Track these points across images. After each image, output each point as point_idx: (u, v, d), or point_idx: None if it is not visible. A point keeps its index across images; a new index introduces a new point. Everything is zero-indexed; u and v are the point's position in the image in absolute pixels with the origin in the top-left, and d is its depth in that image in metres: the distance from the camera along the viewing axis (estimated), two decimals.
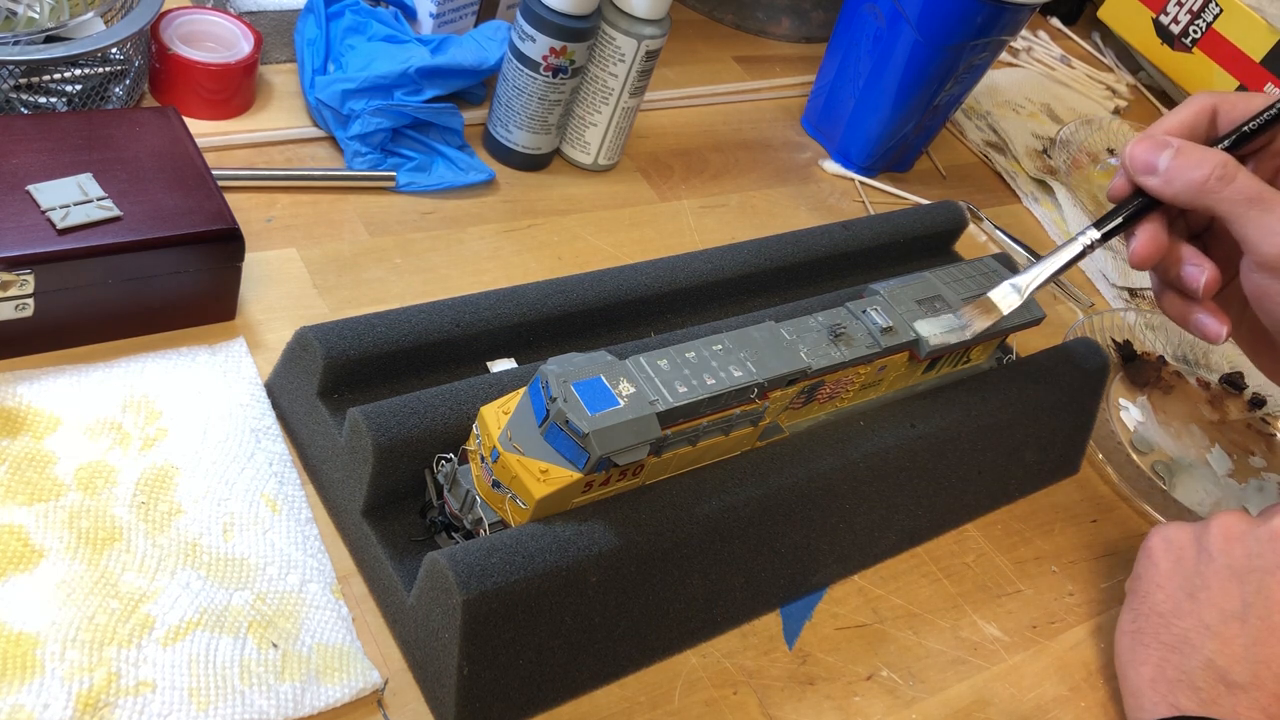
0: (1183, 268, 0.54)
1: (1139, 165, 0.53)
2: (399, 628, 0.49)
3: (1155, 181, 0.52)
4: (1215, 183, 0.50)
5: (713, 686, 0.53)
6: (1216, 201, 0.50)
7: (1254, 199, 0.50)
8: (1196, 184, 0.51)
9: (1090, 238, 0.55)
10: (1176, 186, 0.51)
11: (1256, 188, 0.50)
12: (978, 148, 0.99)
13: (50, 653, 0.44)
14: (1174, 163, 0.51)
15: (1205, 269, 0.53)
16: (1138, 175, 0.53)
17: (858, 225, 0.73)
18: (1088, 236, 0.55)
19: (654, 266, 0.64)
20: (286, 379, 0.55)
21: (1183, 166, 0.51)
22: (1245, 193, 0.50)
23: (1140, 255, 0.53)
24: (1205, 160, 0.51)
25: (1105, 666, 0.61)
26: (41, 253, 0.51)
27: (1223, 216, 0.51)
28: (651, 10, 0.71)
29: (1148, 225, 0.53)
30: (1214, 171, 0.50)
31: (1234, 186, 0.50)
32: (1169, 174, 0.51)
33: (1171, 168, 0.51)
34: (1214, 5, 1.09)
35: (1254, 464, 0.78)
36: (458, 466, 0.50)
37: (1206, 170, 0.50)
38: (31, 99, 0.61)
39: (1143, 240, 0.53)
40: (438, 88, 0.71)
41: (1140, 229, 0.53)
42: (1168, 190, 0.52)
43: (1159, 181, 0.52)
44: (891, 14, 0.81)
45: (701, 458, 0.52)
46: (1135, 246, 0.53)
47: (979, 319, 0.58)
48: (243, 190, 0.66)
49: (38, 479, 0.49)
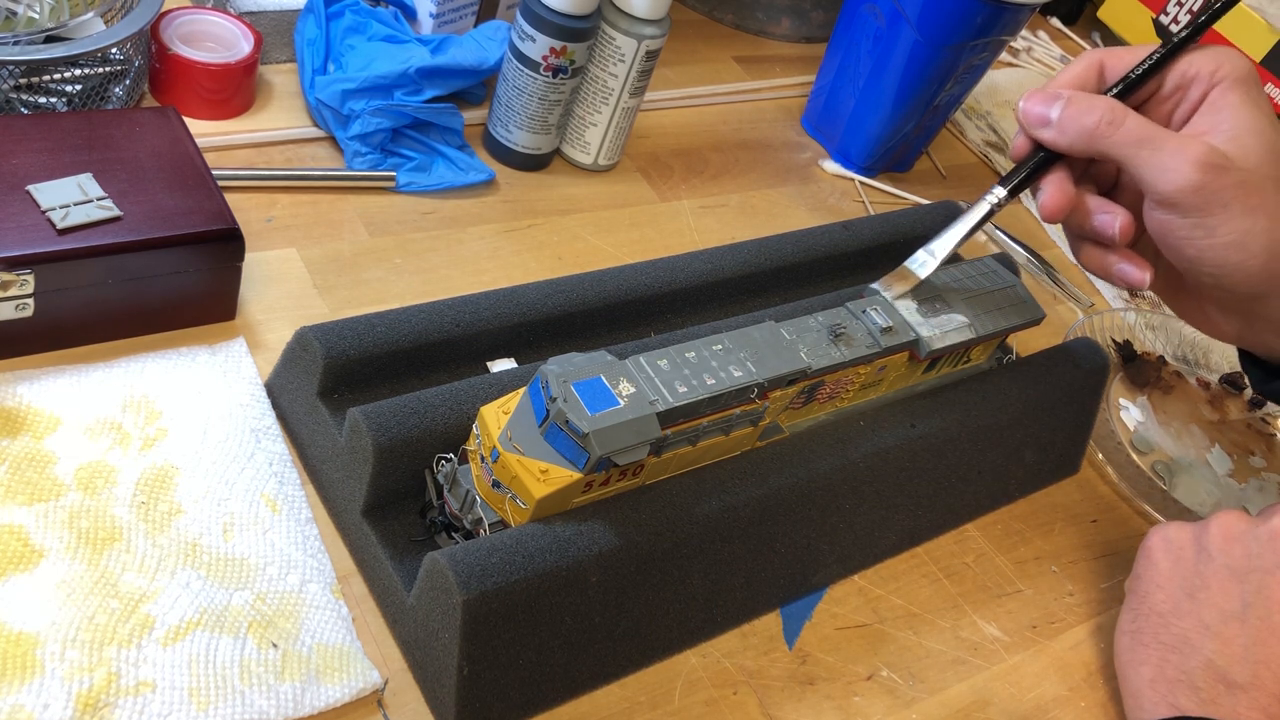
0: (1095, 217, 0.54)
1: (1033, 119, 0.54)
2: (399, 628, 0.49)
3: (1049, 133, 0.53)
4: (1105, 127, 0.51)
5: (713, 686, 0.53)
6: (1109, 146, 0.51)
7: (1144, 139, 0.51)
8: (1088, 130, 0.52)
9: (997, 196, 0.56)
10: (1070, 135, 0.52)
11: (1146, 129, 0.51)
12: (978, 148, 0.99)
13: (50, 653, 0.44)
14: (1065, 112, 0.53)
15: (1118, 215, 0.54)
16: (1032, 129, 0.54)
17: (858, 225, 0.73)
18: (994, 195, 0.56)
19: (654, 266, 0.64)
20: (286, 379, 0.55)
21: (1073, 115, 0.52)
22: (1135, 134, 0.51)
23: (1049, 207, 0.54)
24: (1094, 107, 0.52)
25: (1105, 666, 0.61)
26: (41, 253, 0.51)
27: (1117, 160, 0.52)
28: (651, 10, 0.71)
29: (1052, 177, 0.54)
30: (1103, 116, 0.51)
31: (1124, 130, 0.51)
32: (1061, 124, 0.53)
33: (1063, 117, 0.53)
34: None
35: (1254, 464, 0.78)
36: (458, 466, 0.50)
37: (1096, 116, 0.52)
38: (31, 99, 0.61)
39: (1049, 192, 0.54)
40: (438, 88, 0.71)
41: (1045, 182, 0.54)
42: (1062, 140, 0.53)
43: (1053, 133, 0.53)
44: (891, 14, 0.81)
45: (701, 458, 0.52)
46: (1043, 199, 0.54)
47: (896, 285, 0.59)
48: (243, 190, 0.66)
49: (38, 479, 0.49)
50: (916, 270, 0.58)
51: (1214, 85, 0.53)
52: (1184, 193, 0.50)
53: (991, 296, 0.62)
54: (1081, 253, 0.57)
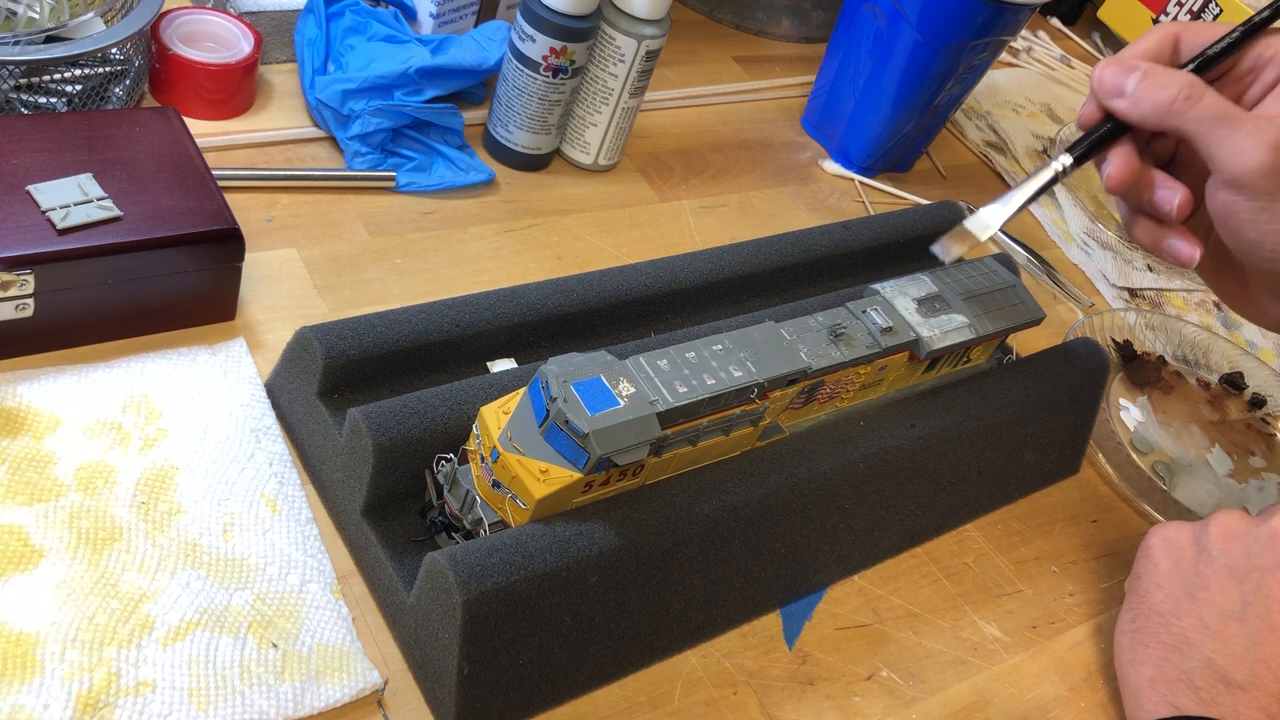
0: (1155, 191, 0.54)
1: (1108, 88, 0.53)
2: (399, 628, 0.49)
3: (1123, 104, 0.52)
4: (1183, 102, 0.50)
5: (713, 686, 0.53)
6: (1184, 121, 0.50)
7: (1220, 117, 0.50)
8: (1164, 104, 0.51)
9: (1063, 163, 0.55)
10: (1144, 108, 0.51)
11: (1222, 106, 0.50)
12: (978, 148, 0.99)
13: (50, 653, 0.44)
14: (1141, 84, 0.51)
15: (1178, 191, 0.53)
16: (1106, 98, 0.53)
17: (858, 225, 0.73)
18: (1060, 162, 0.55)
19: (654, 266, 0.64)
20: (286, 379, 0.55)
21: (1150, 88, 0.51)
22: (1211, 111, 0.50)
23: (1115, 179, 0.53)
24: (1172, 81, 0.51)
25: (1105, 666, 0.61)
26: (41, 253, 0.51)
27: (1190, 136, 0.51)
28: (651, 10, 0.71)
29: (1120, 149, 0.53)
30: (1181, 91, 0.50)
31: (1201, 106, 0.50)
32: (1137, 96, 0.52)
33: (1139, 89, 0.52)
34: (1214, 5, 1.09)
35: (1254, 464, 0.78)
36: (458, 466, 0.50)
37: (1174, 90, 0.51)
38: (31, 99, 0.61)
39: (1116, 164, 0.53)
40: (438, 88, 0.71)
41: (1113, 153, 0.53)
42: (1135, 112, 0.52)
43: (1127, 104, 0.52)
44: (891, 14, 0.81)
45: (701, 458, 0.52)
46: (1109, 170, 0.53)
47: (956, 246, 0.57)
48: (243, 190, 0.66)
49: (37, 479, 0.49)
50: (976, 232, 0.56)
51: None
52: (1256, 174, 0.49)
53: (991, 296, 0.62)
54: (1135, 225, 0.56)
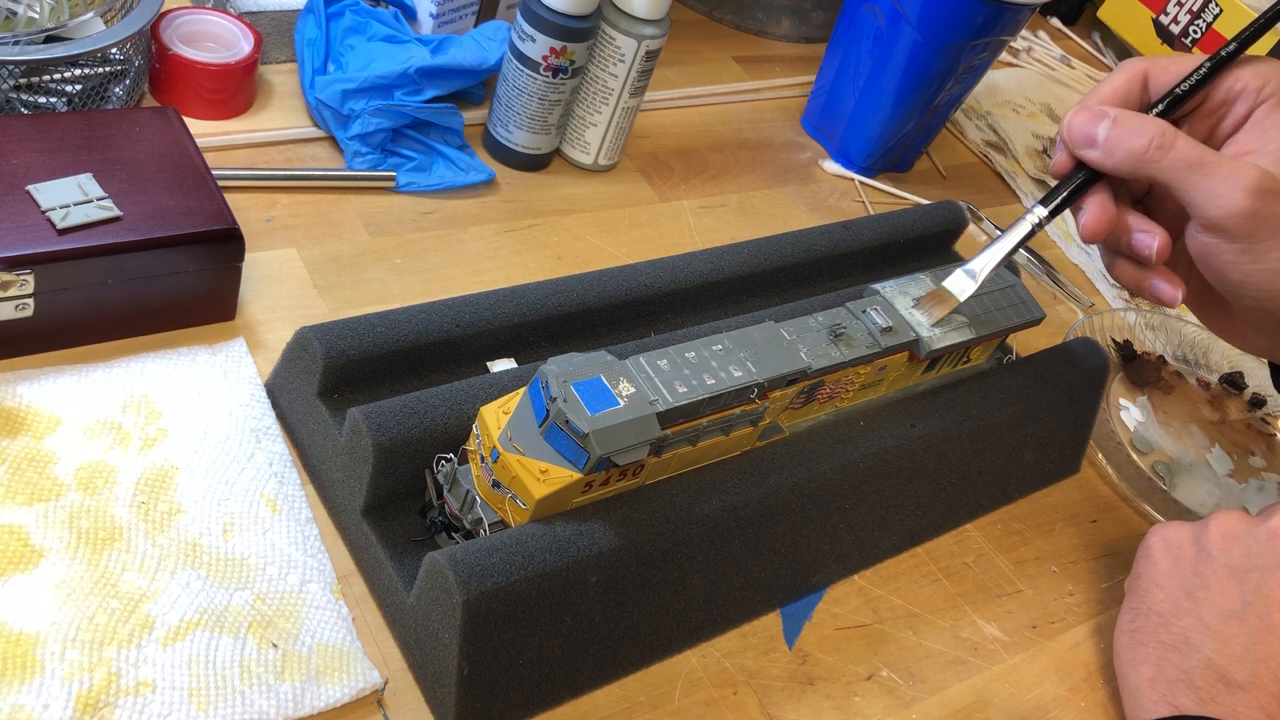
0: (1133, 236, 0.53)
1: (1078, 138, 0.52)
2: (399, 628, 0.49)
3: (1095, 154, 0.52)
4: (1155, 151, 0.50)
5: (713, 686, 0.53)
6: (1158, 170, 0.50)
7: (1194, 164, 0.49)
8: (1137, 154, 0.50)
9: (1038, 215, 0.55)
10: (1117, 157, 0.51)
11: (1196, 153, 0.50)
12: (978, 148, 0.99)
13: (50, 653, 0.44)
14: (1112, 133, 0.51)
15: (1156, 235, 0.53)
16: (1078, 148, 0.53)
17: (858, 225, 0.73)
18: (1035, 215, 0.55)
19: (654, 266, 0.64)
20: (286, 379, 0.55)
21: (1121, 136, 0.51)
22: (1185, 158, 0.50)
23: (1091, 229, 0.53)
24: (1143, 129, 0.50)
25: (1105, 666, 0.61)
26: (41, 253, 0.51)
27: (1165, 183, 0.50)
28: (651, 10, 0.71)
29: (1095, 197, 0.53)
30: (1153, 140, 0.50)
31: (1174, 154, 0.50)
32: (1108, 145, 0.51)
33: (1110, 139, 0.51)
34: (1214, 5, 1.09)
35: (1254, 464, 0.78)
36: (458, 466, 0.50)
37: (1145, 139, 0.50)
38: (31, 99, 0.61)
39: (1092, 214, 0.53)
40: (438, 88, 0.71)
41: (1088, 202, 0.53)
42: (1108, 162, 0.52)
43: (1099, 154, 0.52)
44: (891, 14, 0.81)
45: (701, 458, 0.52)
46: (1085, 220, 0.53)
47: (936, 309, 0.58)
48: (243, 190, 0.66)
49: (37, 479, 0.49)
50: (956, 293, 0.57)
51: (1260, 102, 0.52)
52: (1234, 219, 0.49)
53: (991, 296, 0.62)
54: (1114, 267, 0.56)
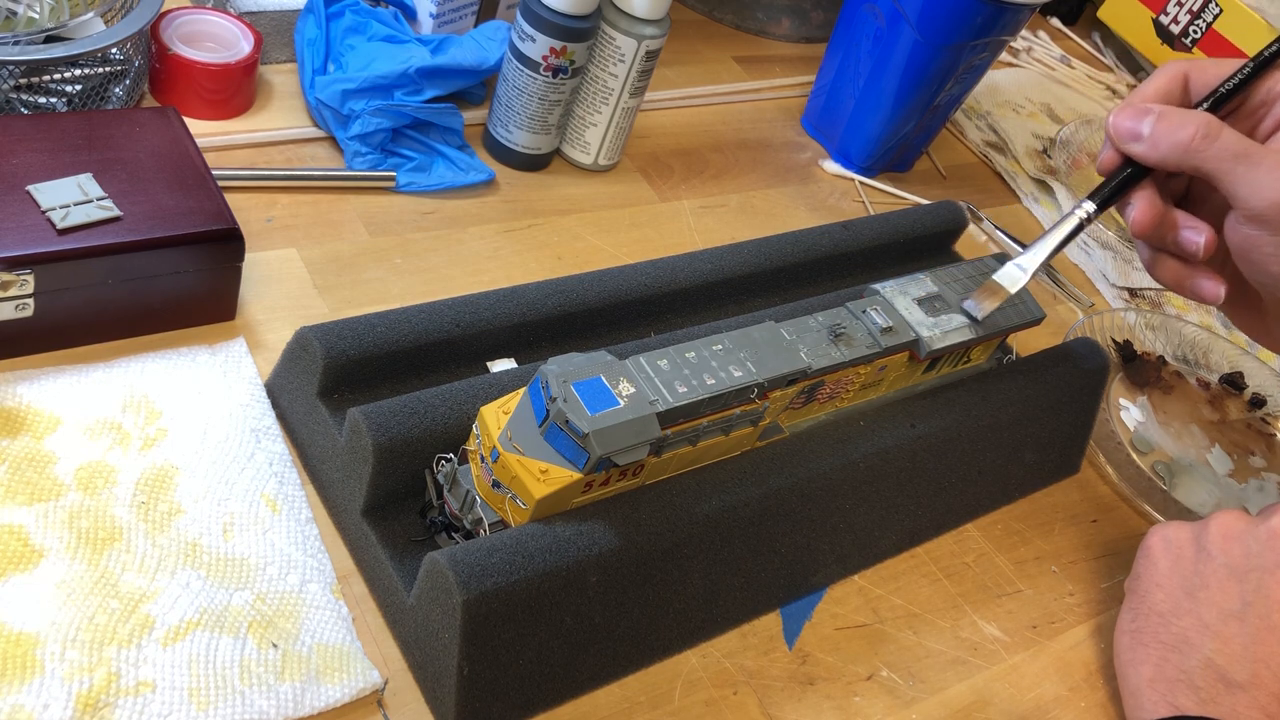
0: (1180, 233, 0.54)
1: (1124, 133, 0.53)
2: (399, 628, 0.49)
3: (1141, 148, 0.53)
4: (1200, 141, 0.51)
5: (713, 686, 0.53)
6: (1203, 160, 0.51)
7: (1240, 154, 0.50)
8: (1182, 145, 0.51)
9: (1086, 210, 0.56)
10: (1163, 149, 0.52)
11: (1241, 143, 0.50)
12: (978, 148, 0.99)
13: (50, 653, 0.44)
14: (1158, 127, 0.52)
15: (1204, 232, 0.54)
16: (1124, 143, 0.53)
17: (858, 225, 0.73)
18: (1083, 210, 0.56)
19: (654, 266, 0.64)
20: (286, 379, 0.55)
21: (1167, 129, 0.52)
22: (1231, 149, 0.50)
23: (1141, 223, 0.53)
24: (1188, 121, 0.51)
25: (1105, 666, 0.61)
26: (41, 253, 0.51)
27: (1209, 174, 0.51)
28: (651, 10, 0.71)
29: (1142, 193, 0.54)
30: (1198, 131, 0.51)
31: (1219, 144, 0.50)
32: (1154, 138, 0.52)
33: (1156, 132, 0.52)
34: (1214, 5, 1.09)
35: (1254, 464, 0.78)
36: (458, 466, 0.50)
37: (1191, 130, 0.51)
38: (31, 99, 0.61)
39: (1140, 208, 0.54)
40: (438, 88, 0.71)
41: (1135, 197, 0.54)
42: (1154, 154, 0.52)
43: (1145, 147, 0.52)
44: (891, 14, 0.81)
45: (701, 458, 0.52)
46: (1134, 215, 0.54)
47: (987, 301, 0.59)
48: (243, 190, 0.66)
49: (37, 479, 0.49)
50: (1006, 285, 0.58)
51: None
52: (1277, 208, 0.49)
53: None
54: (1157, 265, 0.56)
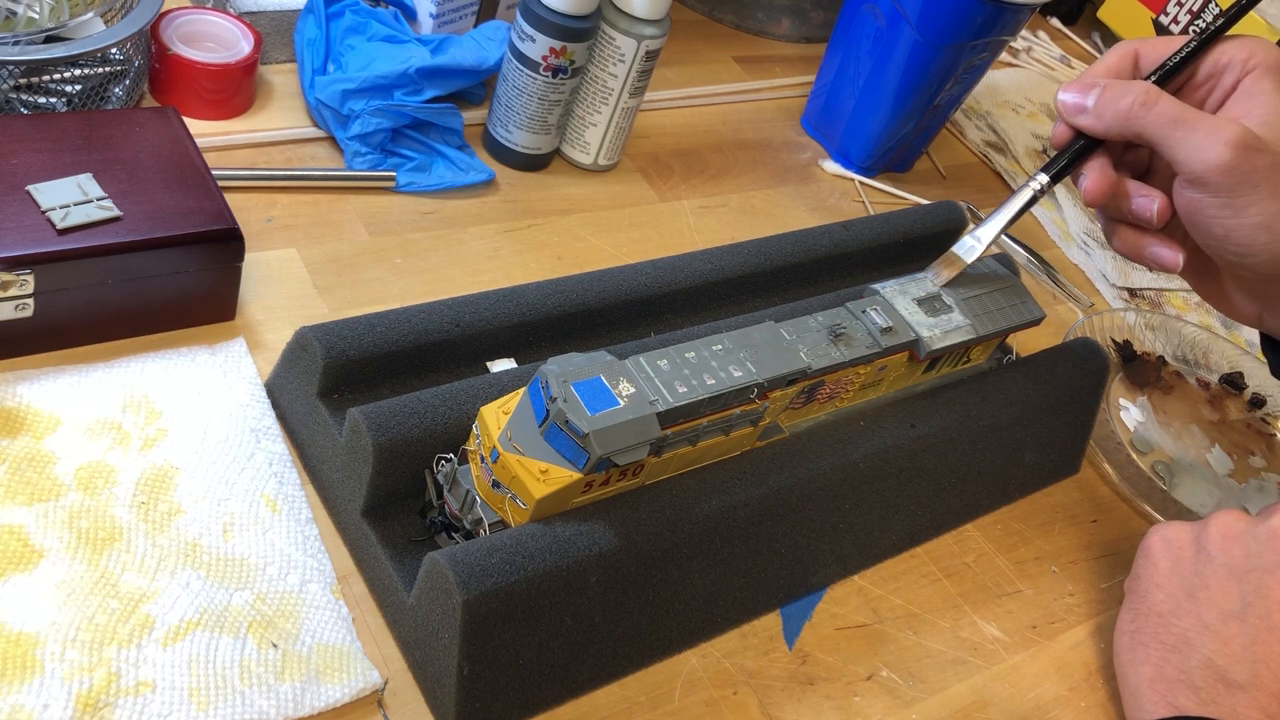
0: (1133, 200, 0.56)
1: (1070, 107, 0.55)
2: (399, 628, 0.49)
3: (1087, 119, 0.55)
4: (1140, 108, 0.52)
5: (713, 686, 0.53)
6: (1144, 126, 0.53)
7: (1177, 120, 0.52)
8: (1123, 112, 0.53)
9: (1040, 182, 0.58)
10: (1106, 119, 0.54)
11: (1178, 109, 0.52)
12: (978, 148, 0.99)
13: (50, 653, 0.44)
14: (1101, 97, 0.54)
15: (1155, 197, 0.55)
16: (1070, 116, 0.55)
17: (858, 225, 0.73)
18: (1037, 182, 0.58)
19: (654, 266, 0.64)
20: (286, 379, 0.55)
21: (1109, 99, 0.54)
22: (1168, 114, 0.52)
23: (1093, 190, 0.55)
24: (1128, 90, 0.53)
25: (1105, 666, 0.61)
26: (41, 253, 0.51)
27: (1151, 140, 0.53)
28: (651, 10, 0.71)
29: (1094, 163, 0.56)
30: (1137, 98, 0.53)
31: (1157, 109, 0.52)
32: (1098, 108, 0.54)
33: (1099, 103, 0.54)
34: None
35: (1254, 464, 0.78)
36: (458, 466, 0.50)
37: (1130, 99, 0.53)
38: (31, 99, 0.61)
39: (1093, 177, 0.55)
40: (438, 88, 0.71)
41: (1087, 168, 0.56)
42: (1099, 124, 0.54)
43: (1090, 119, 0.54)
44: (891, 14, 0.81)
45: (701, 458, 0.52)
46: (1086, 184, 0.55)
47: (945, 271, 0.60)
48: (243, 190, 0.66)
49: (38, 479, 0.49)
50: (964, 255, 0.60)
51: (1247, 73, 0.54)
52: (1216, 171, 0.51)
53: (991, 296, 0.62)
54: (1115, 236, 0.58)
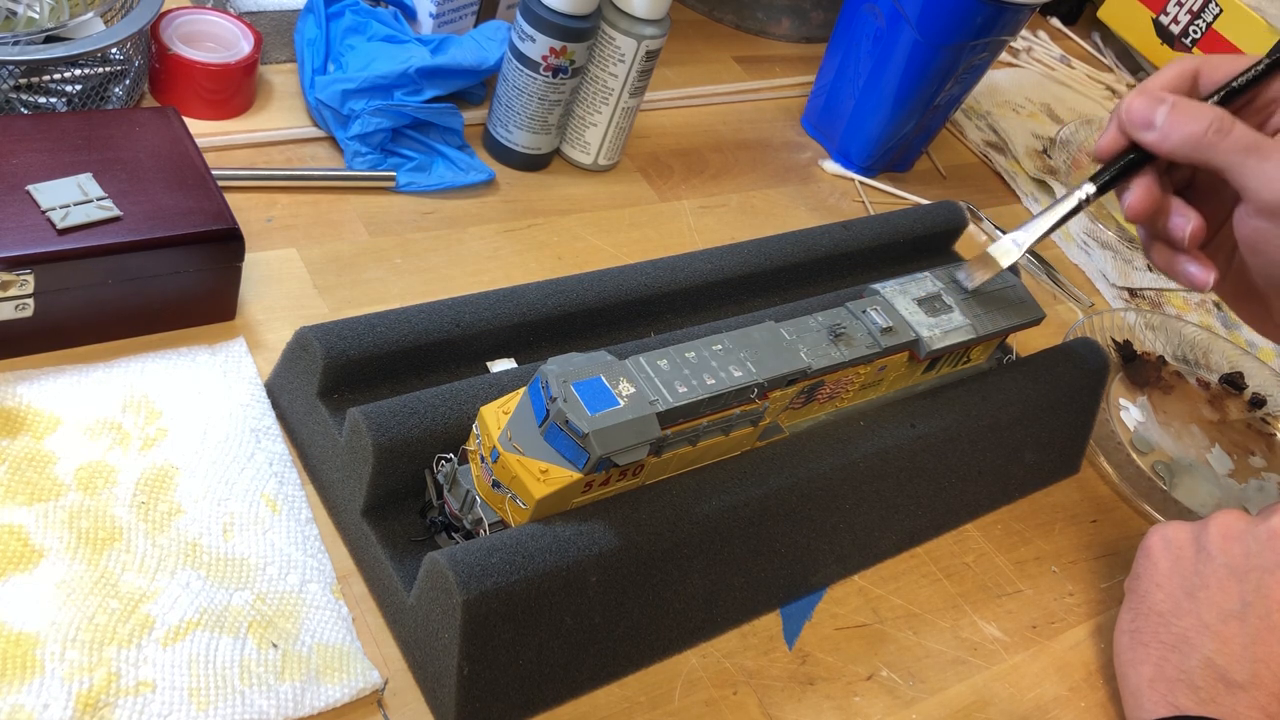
0: (1170, 219, 0.55)
1: (1137, 120, 0.53)
2: (399, 628, 0.49)
3: (1153, 136, 0.53)
4: (1213, 135, 0.51)
5: (713, 686, 0.53)
6: (1215, 154, 0.51)
7: (1251, 148, 0.51)
8: (1195, 137, 0.51)
9: (1086, 192, 0.56)
10: (1174, 140, 0.52)
11: (1253, 138, 0.51)
12: (978, 148, 0.99)
13: (50, 653, 0.44)
14: (1171, 117, 0.52)
15: (1190, 219, 0.54)
16: (1136, 130, 0.54)
17: (858, 225, 0.73)
18: (1083, 191, 0.56)
19: (654, 266, 0.64)
20: (286, 379, 0.55)
21: (1180, 121, 0.52)
22: (1243, 143, 0.51)
23: (1136, 208, 0.54)
24: (1202, 114, 0.52)
25: (1105, 666, 0.61)
26: (41, 253, 0.51)
27: (1220, 168, 0.51)
28: (651, 10, 0.71)
29: (1142, 179, 0.54)
30: (1212, 124, 0.51)
31: (1231, 138, 0.51)
32: (1167, 128, 0.52)
33: (1169, 122, 0.52)
34: (1214, 5, 1.09)
35: (1254, 464, 0.78)
36: (458, 466, 0.50)
37: (1204, 124, 0.51)
38: (31, 99, 0.61)
39: (1138, 194, 0.54)
40: (438, 88, 0.71)
41: (1135, 183, 0.55)
42: (1165, 144, 0.53)
43: (1157, 136, 0.53)
44: (891, 14, 0.81)
45: (701, 458, 0.52)
46: (1131, 200, 0.54)
47: (980, 272, 0.60)
48: (243, 190, 0.66)
49: (37, 479, 0.49)
50: (1000, 258, 0.59)
51: None
52: None
53: (991, 296, 0.62)
54: (1152, 249, 0.57)
